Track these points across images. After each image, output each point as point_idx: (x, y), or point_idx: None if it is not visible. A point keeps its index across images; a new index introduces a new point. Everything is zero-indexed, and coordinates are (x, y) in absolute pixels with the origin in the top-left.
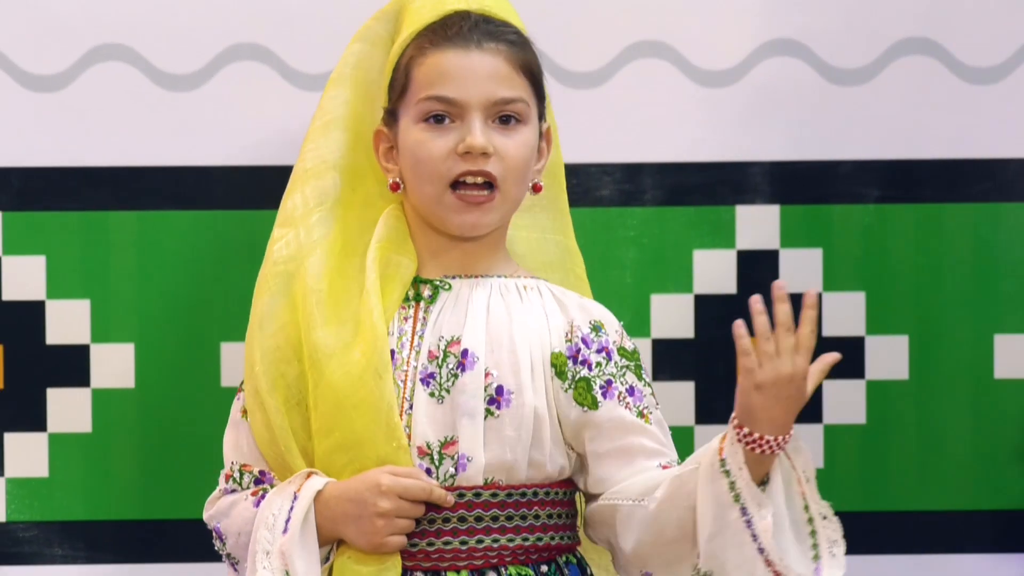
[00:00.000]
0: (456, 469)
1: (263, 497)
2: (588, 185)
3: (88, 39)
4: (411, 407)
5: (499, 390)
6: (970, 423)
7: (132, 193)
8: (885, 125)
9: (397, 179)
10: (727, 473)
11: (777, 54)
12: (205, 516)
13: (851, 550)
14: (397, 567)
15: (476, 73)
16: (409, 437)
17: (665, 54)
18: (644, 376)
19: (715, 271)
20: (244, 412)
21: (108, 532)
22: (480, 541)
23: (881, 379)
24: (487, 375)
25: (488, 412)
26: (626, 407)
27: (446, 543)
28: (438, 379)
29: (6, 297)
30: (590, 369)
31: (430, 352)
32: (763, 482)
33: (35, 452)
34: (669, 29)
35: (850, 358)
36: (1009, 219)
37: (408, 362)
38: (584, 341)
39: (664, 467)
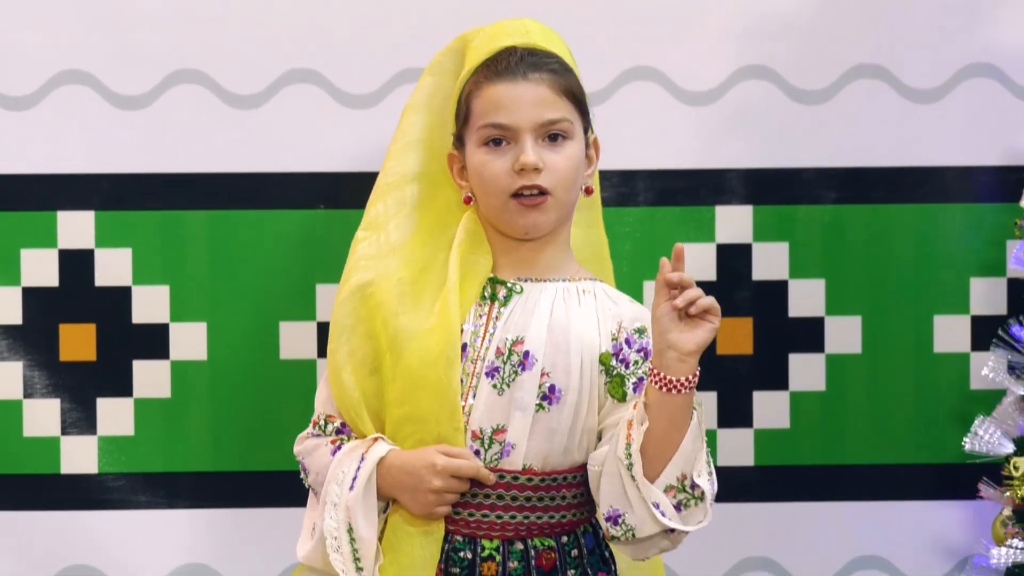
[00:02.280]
0: (501, 454)
1: (339, 447)
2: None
3: (168, 65)
4: (474, 395)
5: (552, 388)
6: (913, 390)
7: (204, 195)
8: (841, 138)
9: (469, 194)
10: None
11: (750, 78)
12: (295, 450)
13: (814, 497)
14: (441, 531)
15: (524, 100)
16: (467, 421)
17: (655, 77)
18: None
19: (698, 262)
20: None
21: (185, 482)
22: (513, 517)
23: (838, 353)
24: (543, 375)
25: (540, 407)
26: None
27: (484, 516)
28: (501, 373)
29: (98, 283)
30: (627, 367)
31: (498, 349)
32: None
33: (123, 414)
34: (658, 57)
35: (812, 335)
36: (946, 218)
37: (479, 355)
38: (627, 342)
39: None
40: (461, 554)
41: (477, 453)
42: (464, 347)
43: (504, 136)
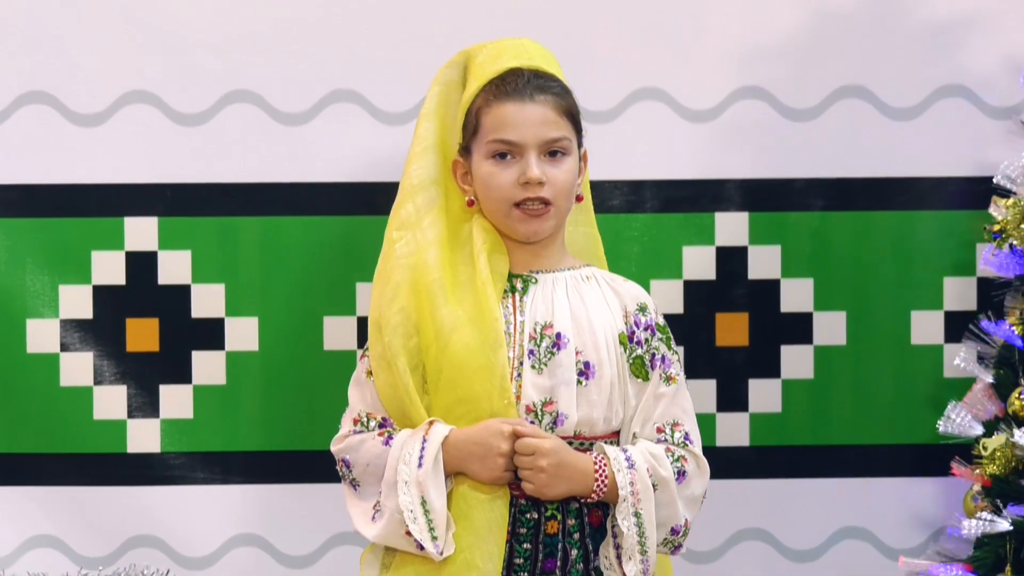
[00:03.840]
0: (555, 423)
1: (390, 437)
2: (602, 197)
3: (223, 86)
4: (519, 375)
5: (586, 364)
6: (893, 378)
7: (256, 203)
8: (828, 151)
9: (472, 197)
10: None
11: (746, 97)
12: (334, 449)
13: (803, 475)
14: (507, 496)
15: (530, 120)
16: (518, 398)
17: (661, 97)
18: (672, 345)
19: (699, 263)
20: (368, 373)
21: (238, 460)
22: None
23: (826, 344)
24: (577, 353)
25: (579, 381)
26: (659, 375)
27: None
28: (537, 355)
29: (161, 282)
30: (641, 347)
31: (530, 334)
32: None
33: (183, 399)
34: (664, 78)
35: (802, 328)
36: (922, 223)
37: (514, 340)
38: (636, 323)
39: (659, 429)
40: (527, 515)
41: (532, 424)
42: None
43: (510, 151)
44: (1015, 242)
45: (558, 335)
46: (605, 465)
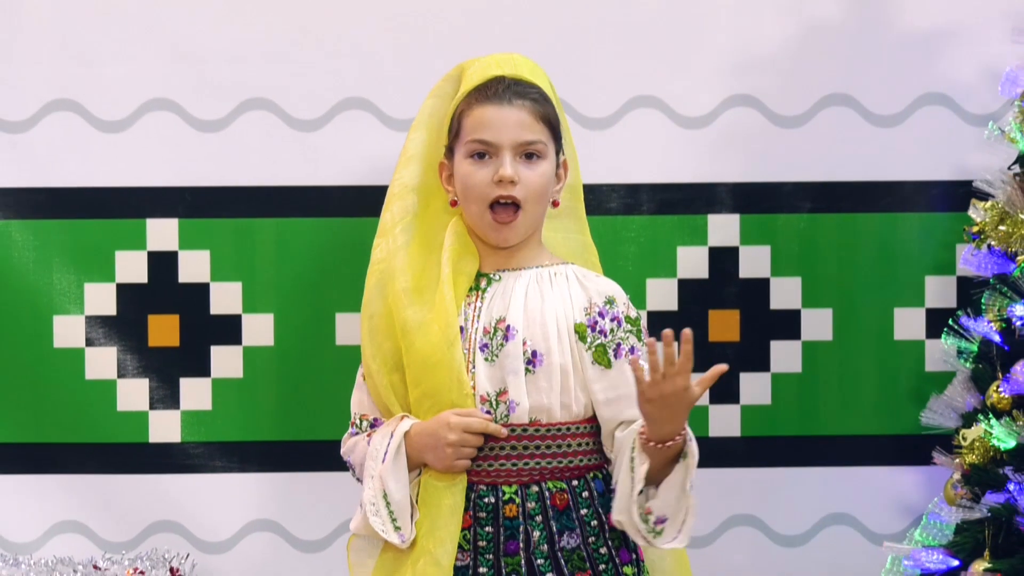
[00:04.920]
0: (508, 411)
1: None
2: (601, 200)
3: (240, 94)
4: (474, 367)
5: (534, 353)
6: (877, 372)
7: (272, 205)
8: (815, 156)
9: (455, 198)
10: (632, 460)
11: (737, 105)
12: (341, 452)
13: (792, 463)
14: (463, 482)
15: (507, 122)
16: (474, 389)
17: (656, 105)
18: (643, 337)
19: (693, 262)
20: (364, 376)
21: (255, 449)
22: (527, 464)
23: (813, 340)
24: (524, 343)
25: (527, 370)
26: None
27: (502, 465)
28: (491, 347)
29: (181, 280)
30: (605, 336)
31: (485, 328)
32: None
33: (202, 392)
34: (659, 87)
35: (790, 325)
36: (905, 225)
37: (471, 336)
38: (600, 314)
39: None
40: (485, 500)
41: (489, 413)
42: (462, 331)
43: (487, 151)
44: (993, 243)
45: (508, 327)
46: (687, 428)
